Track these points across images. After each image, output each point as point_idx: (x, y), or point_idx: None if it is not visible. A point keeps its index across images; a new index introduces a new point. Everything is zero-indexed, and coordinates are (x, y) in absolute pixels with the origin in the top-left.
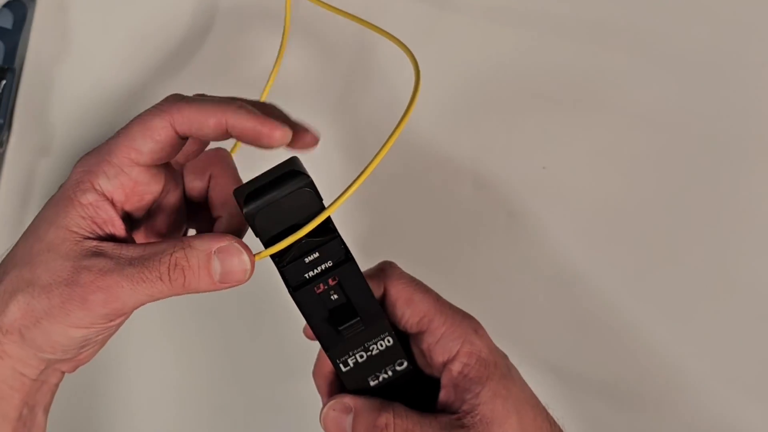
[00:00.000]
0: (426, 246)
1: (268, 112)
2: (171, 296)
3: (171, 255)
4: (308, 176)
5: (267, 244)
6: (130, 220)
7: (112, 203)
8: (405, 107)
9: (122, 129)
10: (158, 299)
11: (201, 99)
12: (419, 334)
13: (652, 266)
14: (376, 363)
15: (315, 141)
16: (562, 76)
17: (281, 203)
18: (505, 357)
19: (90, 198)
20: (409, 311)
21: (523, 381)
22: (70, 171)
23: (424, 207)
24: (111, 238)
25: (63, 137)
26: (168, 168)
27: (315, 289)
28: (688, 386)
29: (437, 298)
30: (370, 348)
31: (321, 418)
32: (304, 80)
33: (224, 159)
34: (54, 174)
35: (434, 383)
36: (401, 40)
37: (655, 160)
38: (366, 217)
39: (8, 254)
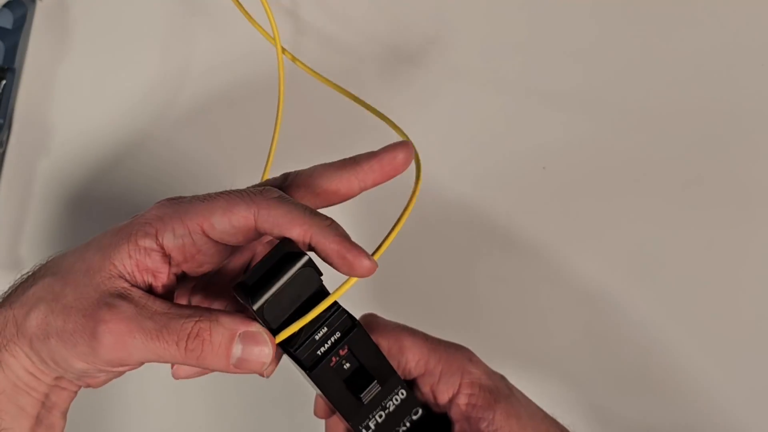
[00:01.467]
0: (424, 247)
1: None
2: (180, 364)
3: (195, 323)
4: (305, 254)
5: (276, 332)
6: (183, 278)
7: (169, 259)
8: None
9: (208, 195)
10: (166, 362)
11: (292, 203)
12: (419, 377)
13: (653, 266)
14: (395, 418)
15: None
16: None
17: (285, 289)
18: (502, 378)
19: (147, 243)
20: (404, 359)
21: (527, 397)
22: (70, 171)
23: (423, 208)
24: (147, 287)
25: (63, 137)
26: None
27: (329, 363)
28: (697, 387)
29: (426, 338)
30: (387, 405)
31: None
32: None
33: None
34: (54, 174)
35: (443, 418)
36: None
37: (655, 160)
38: (358, 217)
39: (54, 259)
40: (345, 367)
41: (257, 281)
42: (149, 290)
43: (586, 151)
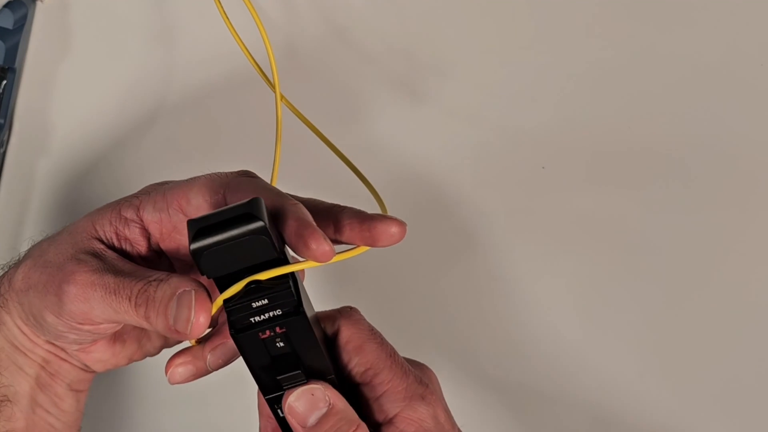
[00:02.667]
0: (423, 243)
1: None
2: (138, 325)
3: (147, 281)
4: (264, 223)
5: (228, 308)
6: (169, 261)
7: (147, 234)
8: None
9: (193, 177)
10: (125, 321)
11: (262, 183)
12: (362, 386)
13: (651, 267)
14: None
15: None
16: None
17: (232, 246)
18: (451, 430)
19: (128, 214)
20: (357, 359)
21: None
22: (70, 171)
23: (422, 206)
24: (123, 253)
25: (63, 137)
26: None
27: (260, 334)
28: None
29: (391, 354)
30: None
31: (295, 391)
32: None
33: None
34: (54, 174)
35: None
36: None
37: (656, 161)
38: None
39: None
40: (278, 344)
41: (208, 226)
42: (125, 256)
43: (586, 150)
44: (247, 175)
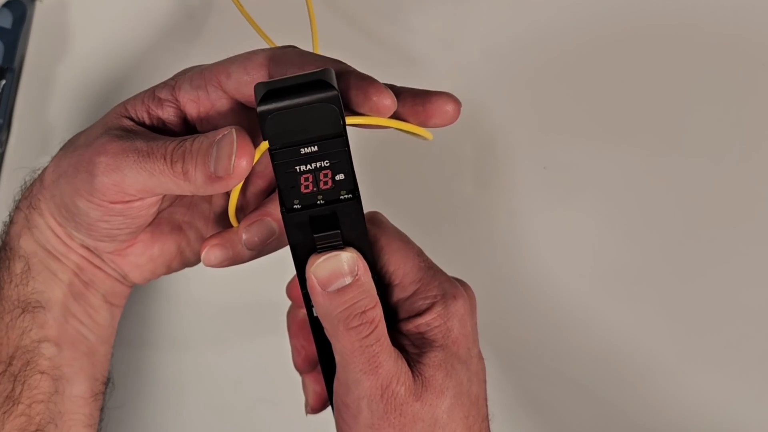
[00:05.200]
0: (425, 244)
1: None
2: (177, 190)
3: (181, 139)
4: (336, 90)
5: (272, 151)
6: None
7: (183, 114)
8: None
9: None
10: (160, 184)
11: (312, 54)
12: (390, 287)
13: (651, 266)
14: None
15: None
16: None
17: (299, 112)
18: (474, 345)
19: (163, 94)
20: (385, 257)
21: (480, 380)
22: None
23: (424, 205)
24: (155, 130)
25: (63, 137)
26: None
27: (303, 188)
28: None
29: (419, 253)
30: None
31: (326, 254)
32: None
33: None
34: None
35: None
36: None
37: (656, 161)
38: None
39: None
40: (319, 202)
41: (277, 89)
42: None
43: (588, 150)
44: (290, 46)
